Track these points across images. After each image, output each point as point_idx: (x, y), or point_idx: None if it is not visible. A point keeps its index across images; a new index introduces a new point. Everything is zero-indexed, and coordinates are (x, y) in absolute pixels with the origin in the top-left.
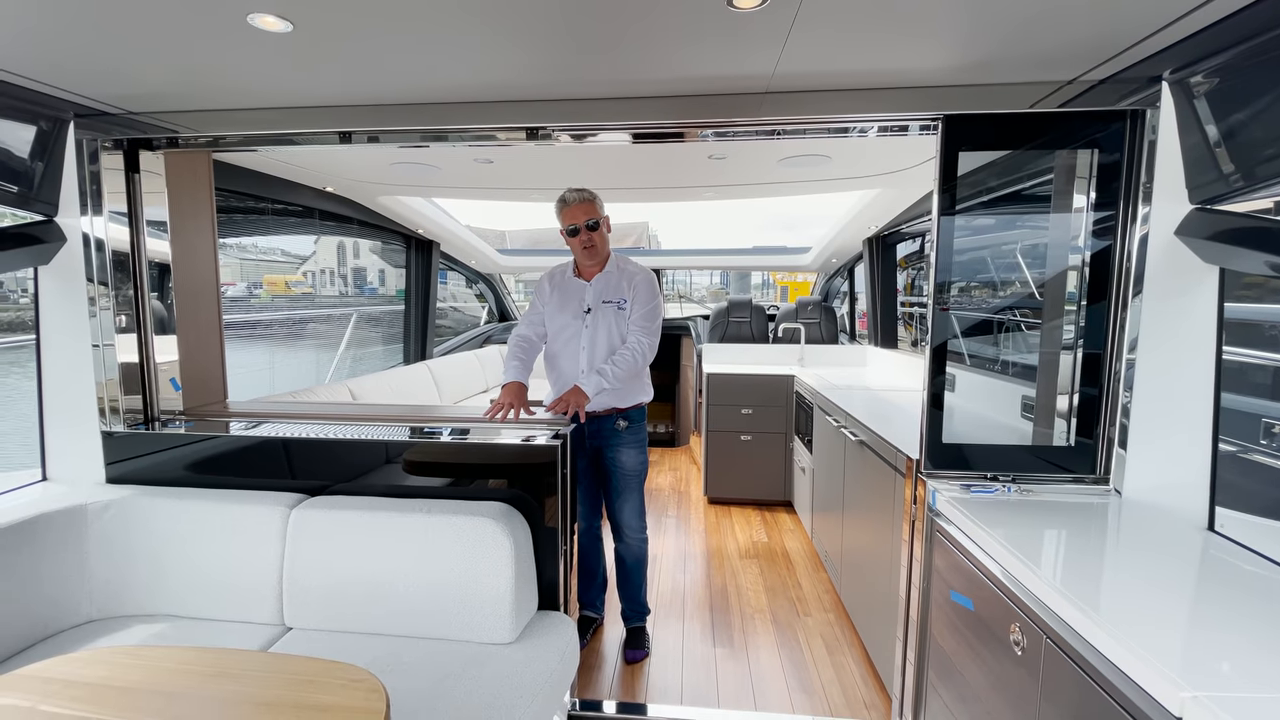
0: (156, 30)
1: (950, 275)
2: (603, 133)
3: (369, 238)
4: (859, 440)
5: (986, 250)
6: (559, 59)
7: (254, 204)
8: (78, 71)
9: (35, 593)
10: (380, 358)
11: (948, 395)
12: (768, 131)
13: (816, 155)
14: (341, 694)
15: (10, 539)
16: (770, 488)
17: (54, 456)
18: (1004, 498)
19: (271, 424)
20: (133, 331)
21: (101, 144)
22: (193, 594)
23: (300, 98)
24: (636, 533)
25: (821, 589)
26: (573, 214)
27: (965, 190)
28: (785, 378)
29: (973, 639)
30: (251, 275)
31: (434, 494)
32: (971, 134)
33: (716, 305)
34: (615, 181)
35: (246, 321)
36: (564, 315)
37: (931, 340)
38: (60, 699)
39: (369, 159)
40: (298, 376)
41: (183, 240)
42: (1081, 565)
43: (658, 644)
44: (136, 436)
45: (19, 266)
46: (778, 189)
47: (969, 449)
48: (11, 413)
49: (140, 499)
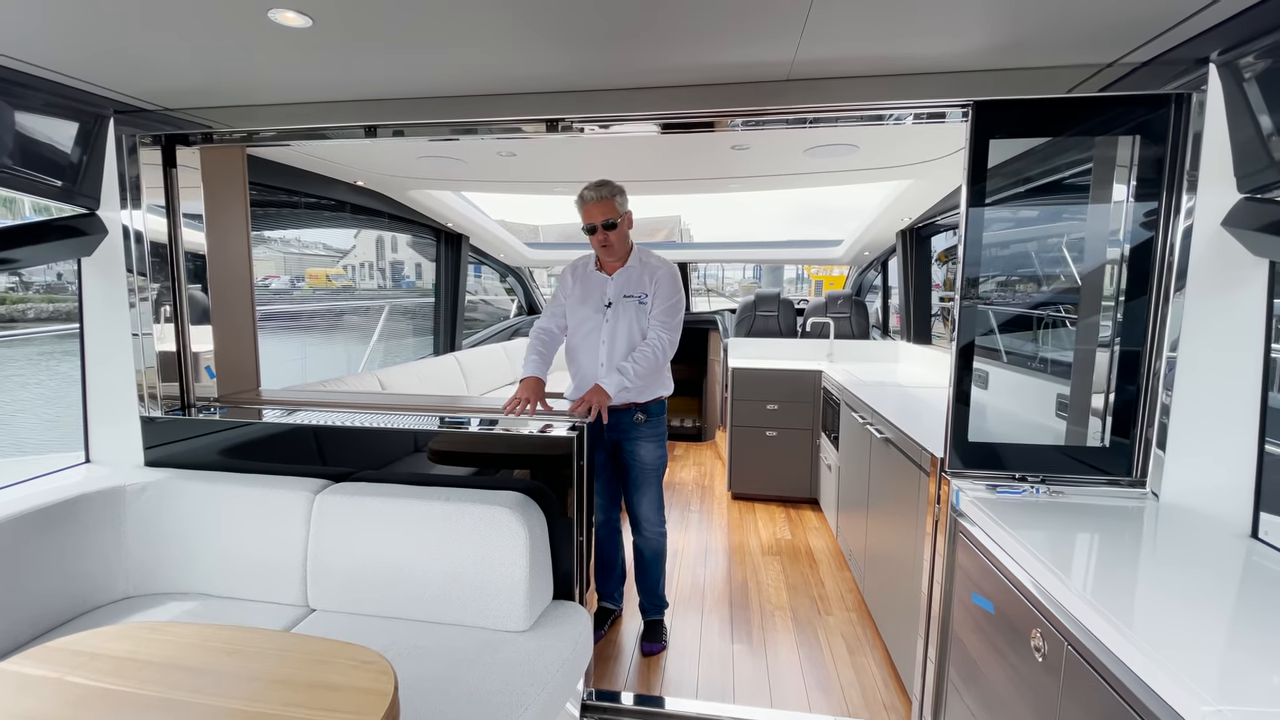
0: (182, 27)
1: (980, 269)
2: (622, 123)
3: (400, 231)
4: (884, 437)
5: (1019, 244)
6: (578, 49)
7: (288, 198)
8: (114, 68)
9: (75, 569)
10: (412, 349)
11: (980, 393)
12: (790, 119)
13: (843, 145)
14: (352, 674)
15: (53, 518)
16: (796, 484)
17: (96, 440)
18: (1031, 499)
19: (301, 411)
20: (170, 321)
21: (140, 140)
22: (222, 574)
23: (326, 92)
24: (655, 526)
25: (845, 588)
26: (590, 213)
27: (997, 181)
28: (813, 373)
29: (994, 642)
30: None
31: (453, 482)
32: (1003, 121)
33: (744, 299)
34: (637, 174)
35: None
36: (585, 309)
37: (958, 336)
38: (86, 671)
39: (396, 153)
40: (332, 367)
41: (218, 233)
42: (1113, 572)
43: (675, 638)
44: (173, 422)
45: (64, 258)
46: (804, 180)
47: (997, 448)
48: (66, 399)
49: (175, 481)
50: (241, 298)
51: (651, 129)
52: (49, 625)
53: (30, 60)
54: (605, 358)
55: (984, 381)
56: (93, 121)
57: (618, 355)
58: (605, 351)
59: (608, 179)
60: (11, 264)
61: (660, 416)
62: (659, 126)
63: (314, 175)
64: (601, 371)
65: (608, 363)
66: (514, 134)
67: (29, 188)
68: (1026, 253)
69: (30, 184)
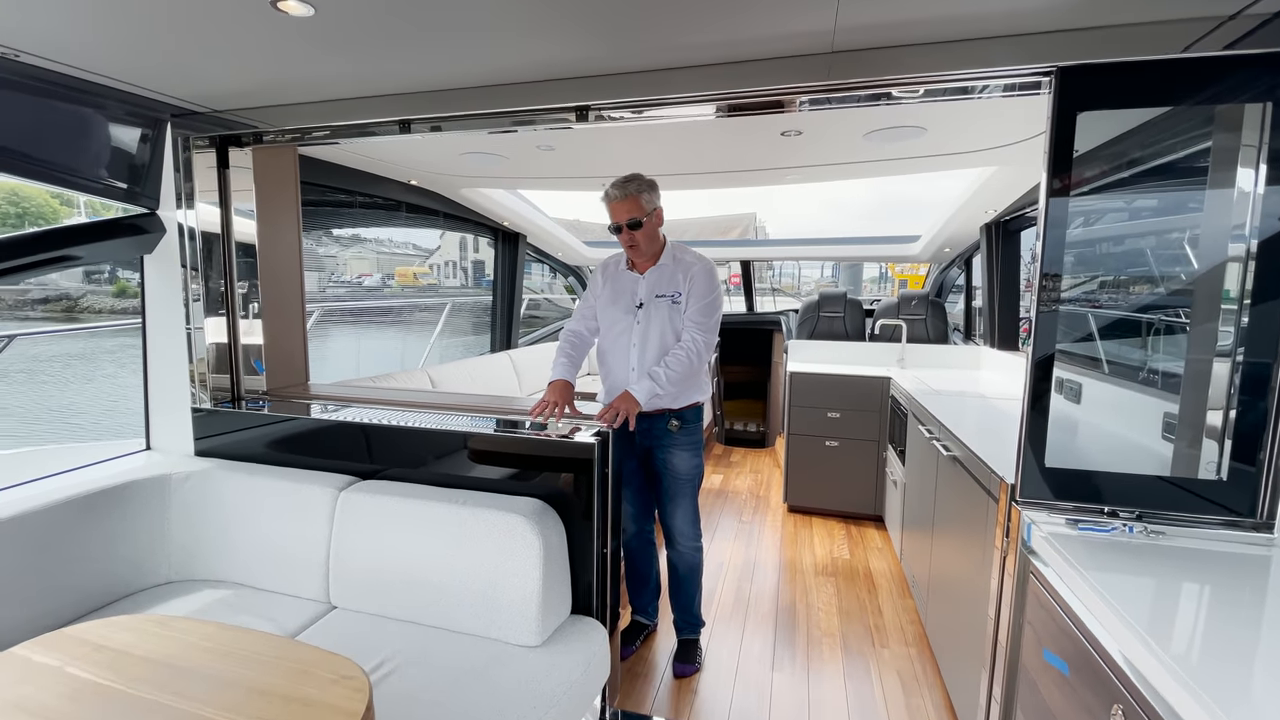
0: (203, 26)
1: (1062, 267)
2: (653, 108)
3: (455, 230)
4: (951, 455)
5: (1120, 239)
6: (601, 29)
7: (346, 197)
8: (167, 74)
9: (122, 553)
10: (474, 346)
11: (1070, 407)
12: (838, 96)
13: (907, 127)
14: (330, 689)
15: (104, 502)
16: (859, 500)
17: (155, 428)
18: (1122, 539)
19: (334, 408)
20: (222, 316)
21: (195, 142)
22: (256, 565)
23: (358, 88)
24: (689, 540)
25: (905, 618)
26: (615, 211)
27: (1087, 163)
28: (880, 380)
29: (1069, 706)
30: (386, 267)
31: (474, 485)
32: (1095, 90)
33: (807, 299)
34: (677, 166)
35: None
36: (615, 310)
37: (1034, 343)
38: (85, 663)
39: (440, 151)
40: (393, 361)
41: (269, 231)
42: (1224, 643)
43: (711, 659)
44: (219, 413)
45: (128, 255)
46: (868, 169)
47: (1082, 475)
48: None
49: (217, 472)
50: (292, 294)
51: (680, 113)
52: (94, 605)
53: (97, 70)
54: (636, 362)
55: (1075, 395)
56: (153, 126)
57: (649, 359)
58: (636, 355)
59: (638, 174)
60: (77, 261)
61: (696, 424)
62: (714, 108)
63: (368, 175)
64: (632, 376)
65: (638, 367)
66: (541, 123)
67: (100, 190)
68: (1127, 248)
69: (101, 187)
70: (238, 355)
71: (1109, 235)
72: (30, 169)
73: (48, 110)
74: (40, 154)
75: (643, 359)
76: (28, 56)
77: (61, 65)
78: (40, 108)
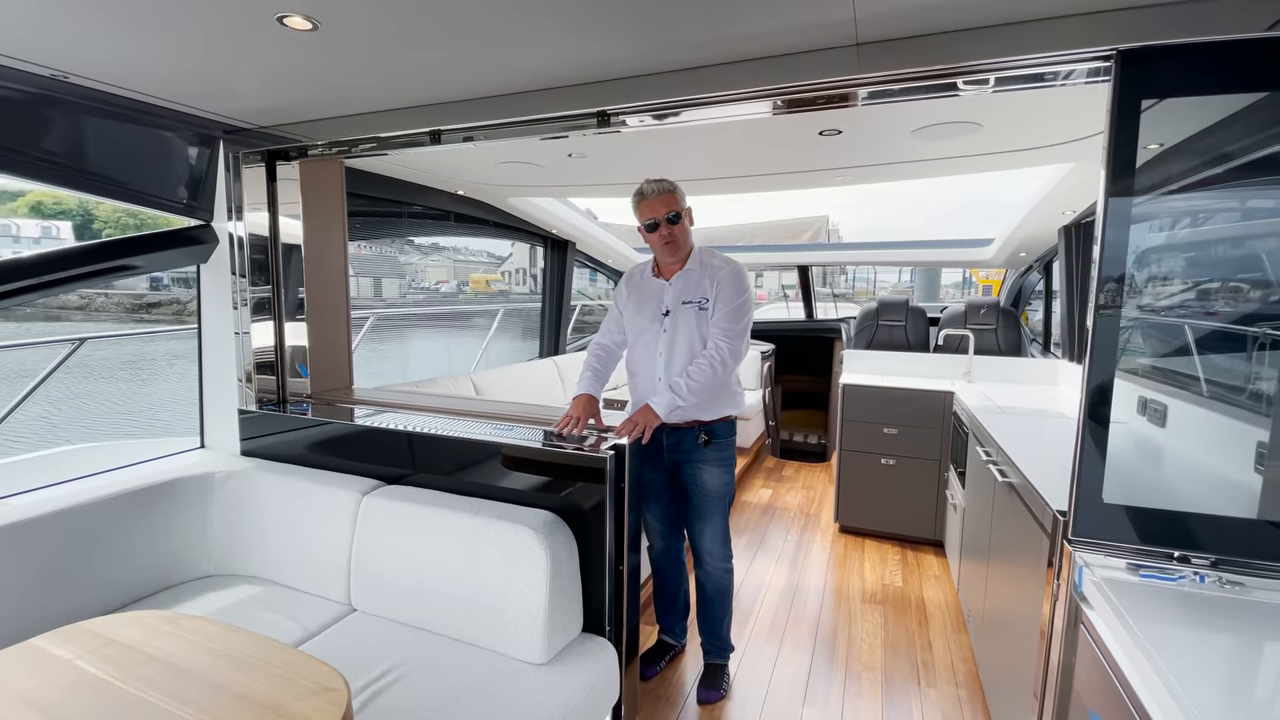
0: (227, 46)
1: (1123, 270)
2: (693, 109)
3: (504, 238)
4: (1007, 482)
5: (1196, 239)
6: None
7: (394, 208)
8: (213, 94)
9: (166, 547)
10: (524, 351)
11: (1155, 432)
12: (871, 92)
13: (959, 123)
14: (307, 701)
15: (151, 498)
16: (917, 523)
17: (208, 428)
18: (1192, 589)
19: (377, 414)
20: (269, 321)
21: (245, 156)
22: (286, 564)
23: (385, 100)
24: (719, 560)
25: (958, 655)
26: (652, 207)
27: (1155, 158)
28: (942, 394)
29: None
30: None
31: (490, 494)
32: (1162, 75)
33: (865, 306)
34: (710, 170)
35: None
36: (641, 318)
37: (1091, 358)
38: (95, 657)
39: (478, 161)
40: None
41: (315, 240)
42: None
43: (739, 686)
44: (262, 415)
45: (186, 264)
46: (918, 169)
47: (1147, 513)
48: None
49: (255, 472)
50: (337, 301)
51: (728, 112)
52: (138, 595)
53: (157, 93)
54: (663, 371)
55: (1160, 417)
56: (207, 143)
57: (676, 368)
58: (663, 365)
59: (664, 178)
60: (137, 270)
61: (728, 439)
62: (767, 104)
63: (417, 186)
64: (659, 387)
65: (665, 377)
66: (572, 130)
67: (163, 205)
68: (1202, 251)
69: (165, 202)
70: (284, 360)
71: (1191, 240)
72: (108, 189)
73: (119, 133)
74: (117, 175)
75: (670, 369)
76: (76, 78)
77: (125, 90)
78: (115, 131)
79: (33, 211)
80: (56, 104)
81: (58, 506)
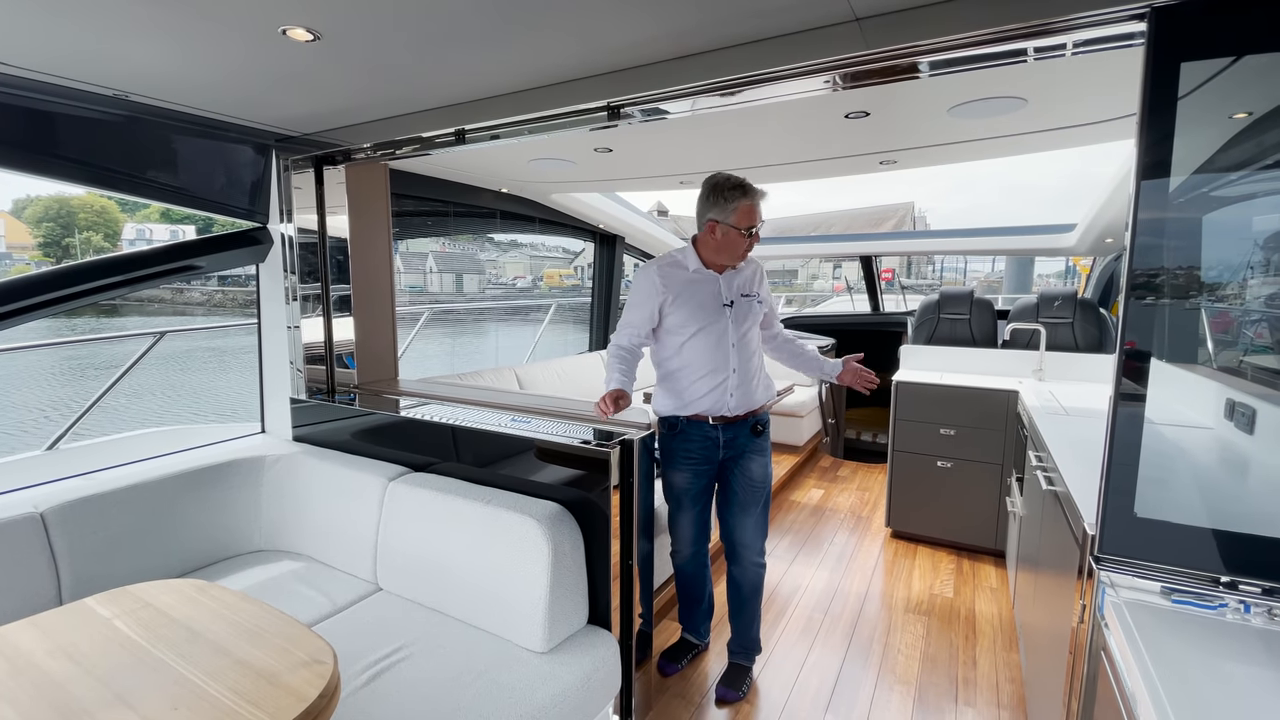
0: (246, 61)
1: (1160, 260)
2: (673, 100)
3: (552, 234)
4: (1052, 490)
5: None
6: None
7: (442, 207)
8: (259, 106)
9: (222, 522)
10: (577, 344)
11: (1241, 439)
12: (878, 69)
13: (1001, 98)
14: (297, 671)
15: (211, 477)
16: (975, 531)
17: (267, 415)
18: (1234, 620)
19: (418, 405)
20: (319, 316)
21: (295, 162)
22: (325, 542)
23: (415, 103)
24: (756, 555)
25: (1005, 674)
26: (756, 213)
27: (1195, 130)
28: (1006, 394)
29: None
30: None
31: (506, 484)
32: (1205, 33)
33: (926, 299)
34: (731, 161)
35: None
36: (703, 312)
37: (1120, 350)
38: (130, 618)
39: (510, 159)
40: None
41: (361, 239)
42: None
43: (761, 687)
44: (310, 404)
45: (245, 264)
46: (960, 151)
47: (1190, 531)
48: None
49: (300, 456)
50: (382, 296)
51: (786, 89)
52: (197, 564)
53: (211, 109)
54: (737, 362)
55: (1248, 422)
56: (262, 151)
57: (747, 357)
58: (736, 356)
59: None
60: (199, 270)
61: (769, 427)
62: (822, 80)
63: (461, 185)
64: (733, 378)
65: (740, 367)
66: (572, 129)
67: (226, 210)
68: (1247, 234)
69: (228, 208)
70: (332, 352)
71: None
72: (181, 198)
73: (187, 146)
74: (188, 185)
75: (743, 357)
76: (136, 97)
77: (180, 105)
78: (184, 145)
79: (163, 217)
80: (136, 123)
81: (132, 481)
